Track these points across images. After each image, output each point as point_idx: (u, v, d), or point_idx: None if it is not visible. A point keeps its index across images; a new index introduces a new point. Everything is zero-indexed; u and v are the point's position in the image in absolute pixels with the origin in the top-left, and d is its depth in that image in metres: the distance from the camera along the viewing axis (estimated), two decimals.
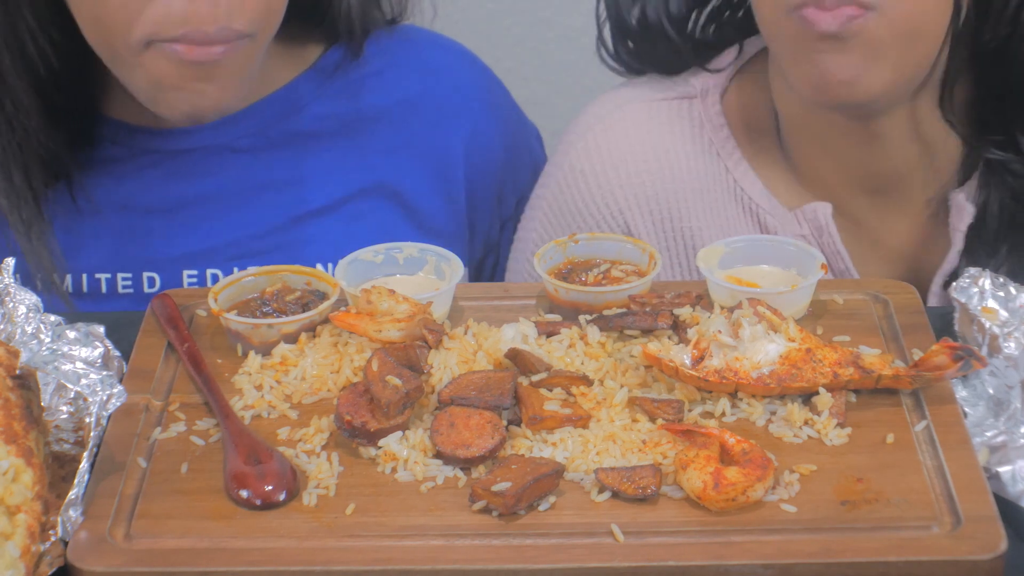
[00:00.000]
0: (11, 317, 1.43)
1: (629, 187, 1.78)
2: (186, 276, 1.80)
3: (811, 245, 1.64)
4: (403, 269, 1.55)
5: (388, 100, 1.85)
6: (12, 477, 1.22)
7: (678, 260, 1.79)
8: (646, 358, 1.37)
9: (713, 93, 1.78)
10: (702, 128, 1.78)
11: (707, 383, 1.35)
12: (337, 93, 1.84)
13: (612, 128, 1.81)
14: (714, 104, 1.78)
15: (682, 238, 1.78)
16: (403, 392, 1.33)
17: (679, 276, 1.79)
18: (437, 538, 1.23)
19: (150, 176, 1.79)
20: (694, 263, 1.76)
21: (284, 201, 1.82)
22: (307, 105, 1.82)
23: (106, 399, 1.31)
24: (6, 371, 1.32)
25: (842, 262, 1.72)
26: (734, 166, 1.76)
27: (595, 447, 1.31)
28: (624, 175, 1.79)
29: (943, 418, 1.34)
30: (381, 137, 1.84)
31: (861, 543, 1.21)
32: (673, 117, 1.79)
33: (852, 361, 1.37)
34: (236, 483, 1.28)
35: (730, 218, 1.76)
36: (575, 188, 1.81)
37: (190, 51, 1.62)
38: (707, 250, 1.52)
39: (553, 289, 1.50)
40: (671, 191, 1.78)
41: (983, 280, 1.45)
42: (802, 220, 1.72)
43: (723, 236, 1.75)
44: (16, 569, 1.18)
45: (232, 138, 1.80)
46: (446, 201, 1.86)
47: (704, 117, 1.78)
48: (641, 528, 1.24)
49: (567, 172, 1.83)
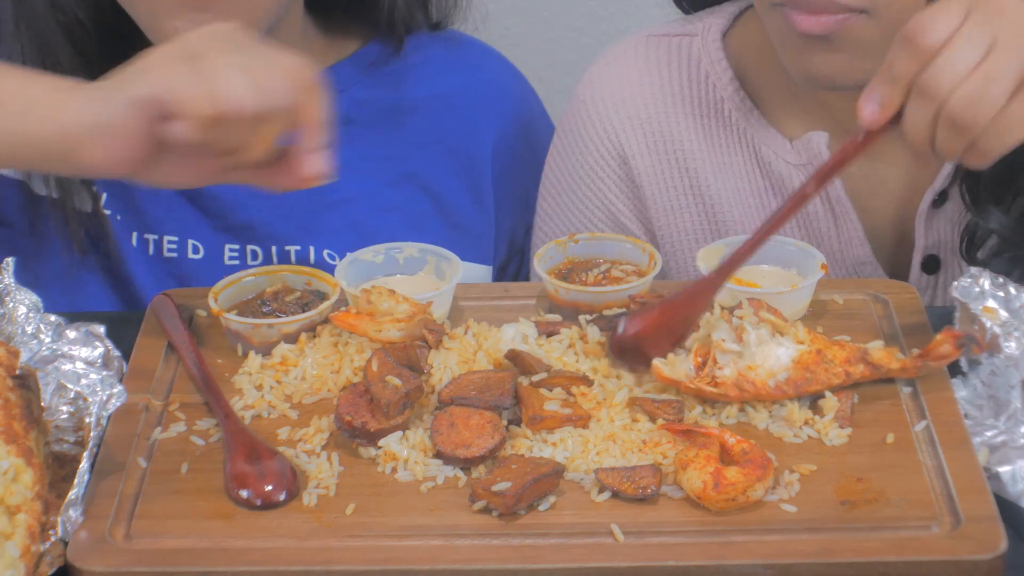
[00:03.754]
0: (11, 317, 1.43)
1: (624, 111, 1.82)
2: (227, 250, 1.79)
3: (808, 173, 1.68)
4: (403, 269, 1.55)
5: (425, 94, 1.86)
6: (12, 477, 1.22)
7: (672, 183, 1.82)
8: (660, 380, 1.37)
9: (713, 31, 1.82)
10: (699, 62, 1.82)
11: (727, 397, 1.35)
12: (376, 82, 1.85)
13: (612, 61, 1.86)
14: (714, 41, 1.81)
15: (677, 161, 1.81)
16: (403, 392, 1.33)
17: (676, 200, 1.82)
18: (437, 538, 1.24)
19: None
20: (688, 184, 1.78)
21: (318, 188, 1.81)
22: (346, 90, 1.83)
23: (106, 399, 1.31)
24: (6, 371, 1.32)
25: (835, 190, 1.73)
26: (729, 97, 1.79)
27: (595, 447, 1.31)
28: (619, 100, 1.83)
29: (943, 418, 1.34)
30: (416, 130, 1.85)
31: (861, 543, 1.21)
32: (672, 51, 1.84)
33: (861, 358, 1.38)
34: (236, 483, 1.28)
35: (725, 146, 1.79)
36: (576, 117, 1.85)
37: None
38: (707, 250, 1.52)
39: (553, 289, 1.50)
40: (664, 115, 1.81)
41: (983, 280, 1.45)
42: (800, 149, 1.74)
43: (719, 161, 1.79)
44: (16, 569, 1.18)
45: None
46: (474, 198, 1.87)
47: (702, 52, 1.82)
48: (641, 528, 1.24)
49: (571, 104, 1.88)
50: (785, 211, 1.39)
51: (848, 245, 1.74)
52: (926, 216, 1.72)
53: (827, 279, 1.51)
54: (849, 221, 1.73)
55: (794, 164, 1.75)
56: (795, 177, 1.75)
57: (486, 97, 1.89)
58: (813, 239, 1.75)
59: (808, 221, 1.77)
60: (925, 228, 1.72)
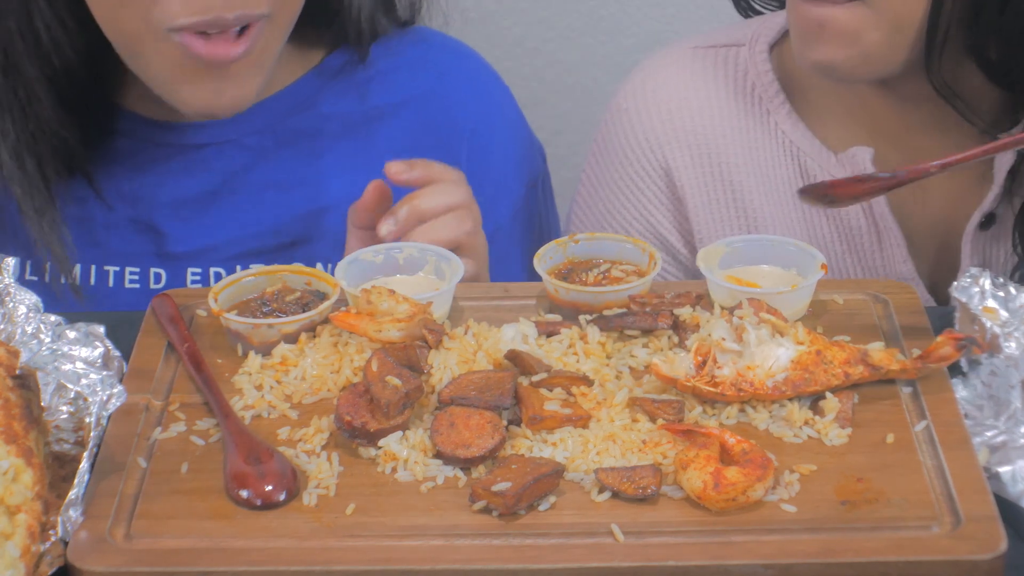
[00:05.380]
0: (11, 317, 1.43)
1: (669, 124, 1.82)
2: (190, 274, 1.80)
3: None
4: (403, 269, 1.55)
5: (395, 100, 1.85)
6: (12, 477, 1.22)
7: (715, 196, 1.81)
8: (658, 378, 1.37)
9: (761, 42, 1.82)
10: (746, 74, 1.81)
11: (725, 397, 1.35)
12: (344, 92, 1.84)
13: (656, 72, 1.86)
14: (761, 52, 1.81)
15: (720, 174, 1.81)
16: (403, 392, 1.33)
17: (718, 213, 1.82)
18: (437, 538, 1.23)
19: (159, 170, 1.79)
20: (731, 197, 1.77)
21: (290, 200, 1.82)
22: (315, 104, 1.83)
23: (106, 399, 1.31)
24: (6, 371, 1.32)
25: (880, 207, 1.72)
26: (776, 109, 1.79)
27: (595, 447, 1.31)
28: (664, 112, 1.83)
29: (943, 418, 1.34)
30: (388, 137, 1.84)
31: (861, 543, 1.21)
32: (718, 63, 1.84)
33: (860, 359, 1.38)
34: (236, 483, 1.28)
35: (770, 158, 1.79)
36: (617, 126, 1.85)
37: (209, 51, 1.62)
38: (707, 250, 1.52)
39: (553, 289, 1.50)
40: (710, 128, 1.81)
41: (983, 280, 1.45)
42: (845, 163, 1.74)
43: (762, 174, 1.79)
44: (16, 569, 1.18)
45: (241, 134, 1.80)
46: None
47: (749, 64, 1.82)
48: (641, 528, 1.24)
49: (612, 113, 1.88)
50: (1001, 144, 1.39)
51: (891, 262, 1.74)
52: (972, 236, 1.71)
53: (827, 279, 1.51)
54: (892, 237, 1.73)
55: (838, 177, 1.74)
56: None
57: (457, 100, 1.88)
58: (855, 255, 1.75)
59: (851, 237, 1.76)
60: (971, 249, 1.71)
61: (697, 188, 1.81)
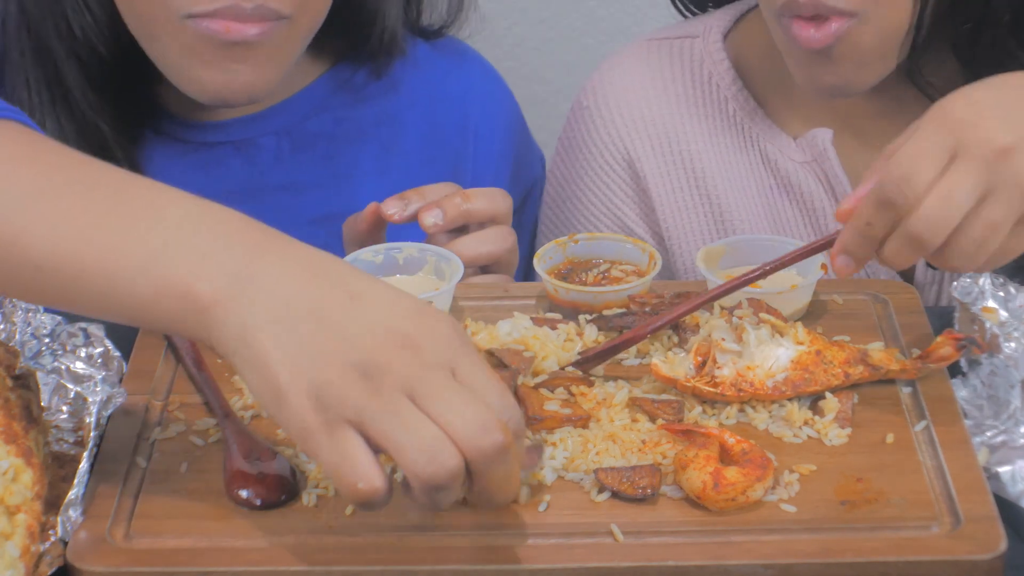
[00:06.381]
0: (11, 317, 1.43)
1: (628, 115, 1.83)
2: None
3: (814, 170, 1.73)
4: (403, 269, 1.55)
5: (405, 105, 1.86)
6: (12, 477, 1.22)
7: (679, 184, 1.83)
8: (658, 378, 1.37)
9: (715, 32, 1.84)
10: (702, 64, 1.83)
11: (724, 397, 1.35)
12: (355, 99, 1.84)
13: (614, 67, 1.87)
14: (715, 41, 1.82)
15: (683, 162, 1.82)
16: None
17: (683, 201, 1.83)
18: (437, 538, 1.23)
19: (174, 166, 1.79)
20: (695, 185, 1.78)
21: (300, 204, 1.82)
22: (328, 108, 1.83)
23: (106, 399, 1.31)
24: (6, 371, 1.32)
25: (842, 187, 1.74)
26: (733, 96, 1.80)
27: (595, 447, 1.31)
28: (624, 104, 1.84)
29: (943, 418, 1.34)
30: (400, 140, 1.85)
31: (861, 543, 1.21)
32: (674, 53, 1.85)
33: (860, 359, 1.38)
34: (236, 483, 1.28)
35: (730, 145, 1.80)
36: (580, 123, 1.86)
37: (227, 30, 1.62)
38: (707, 250, 1.52)
39: (553, 289, 1.50)
40: (668, 117, 1.83)
41: (983, 280, 1.45)
42: (805, 146, 1.75)
43: (724, 161, 1.80)
44: (16, 569, 1.18)
45: (257, 134, 1.80)
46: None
47: (704, 54, 1.83)
48: (641, 528, 1.24)
49: (574, 111, 1.89)
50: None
51: None
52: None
53: (827, 279, 1.51)
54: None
55: (799, 161, 1.76)
56: (801, 174, 1.76)
57: (462, 100, 1.88)
58: (818, 235, 1.75)
59: (815, 218, 1.77)
60: None
61: (660, 177, 1.83)
